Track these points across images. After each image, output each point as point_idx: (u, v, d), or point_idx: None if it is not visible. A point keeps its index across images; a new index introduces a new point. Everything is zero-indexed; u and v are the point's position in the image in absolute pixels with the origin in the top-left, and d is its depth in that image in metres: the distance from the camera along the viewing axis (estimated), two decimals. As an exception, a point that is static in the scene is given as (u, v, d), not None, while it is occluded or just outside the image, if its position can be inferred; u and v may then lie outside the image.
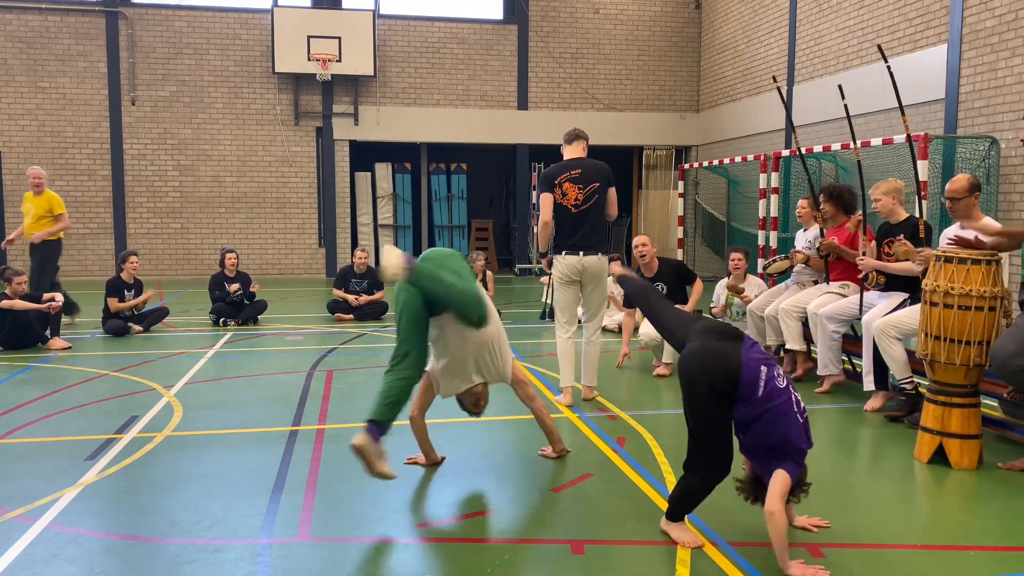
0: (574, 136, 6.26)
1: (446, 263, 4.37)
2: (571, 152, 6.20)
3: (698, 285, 7.44)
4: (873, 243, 6.21)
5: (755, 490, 3.54)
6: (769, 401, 3.33)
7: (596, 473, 4.57)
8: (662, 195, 18.07)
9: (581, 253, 5.98)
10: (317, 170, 16.71)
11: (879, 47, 6.02)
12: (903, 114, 5.83)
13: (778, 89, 6.96)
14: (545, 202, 6.05)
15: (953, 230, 5.33)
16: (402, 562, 3.50)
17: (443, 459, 4.79)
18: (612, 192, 6.13)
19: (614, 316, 9.46)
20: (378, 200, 17.31)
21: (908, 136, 6.06)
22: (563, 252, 6.03)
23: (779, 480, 3.34)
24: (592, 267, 6.02)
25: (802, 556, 3.50)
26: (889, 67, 5.79)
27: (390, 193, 17.37)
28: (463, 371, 4.45)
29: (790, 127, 6.87)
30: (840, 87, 6.71)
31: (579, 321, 6.26)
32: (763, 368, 3.36)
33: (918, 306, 5.56)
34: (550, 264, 6.18)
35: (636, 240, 7.52)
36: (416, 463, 4.73)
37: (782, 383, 3.39)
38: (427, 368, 4.47)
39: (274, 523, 3.87)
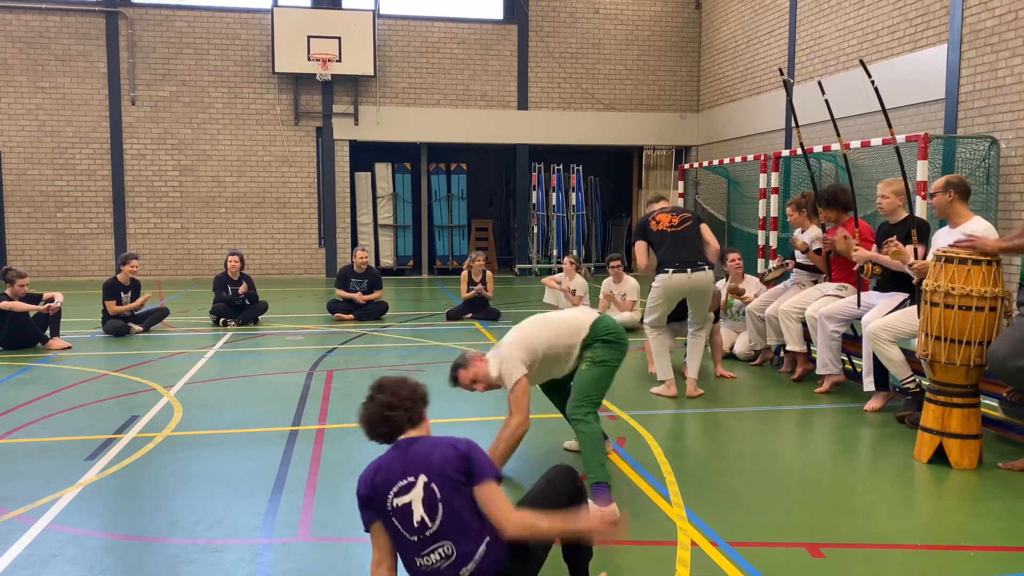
0: (659, 198, 6.74)
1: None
2: (658, 207, 6.60)
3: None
4: (873, 245, 6.21)
5: None
6: None
7: (596, 473, 4.57)
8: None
9: (689, 271, 6.12)
10: (317, 170, 16.71)
11: (861, 62, 6.05)
12: (889, 124, 5.84)
13: (784, 82, 6.93)
14: (639, 250, 6.39)
15: (944, 232, 5.31)
16: (402, 562, 3.50)
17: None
18: (705, 226, 6.41)
19: (616, 316, 9.46)
20: (378, 200, 17.31)
21: (894, 140, 6.08)
22: (669, 271, 6.15)
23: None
24: (700, 283, 6.19)
25: (802, 556, 3.50)
26: (873, 81, 5.80)
27: (390, 193, 17.37)
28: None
29: (793, 120, 6.87)
30: (820, 83, 6.78)
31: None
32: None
33: (909, 309, 5.57)
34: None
35: None
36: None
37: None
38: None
39: (274, 523, 3.87)
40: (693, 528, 3.77)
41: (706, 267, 6.19)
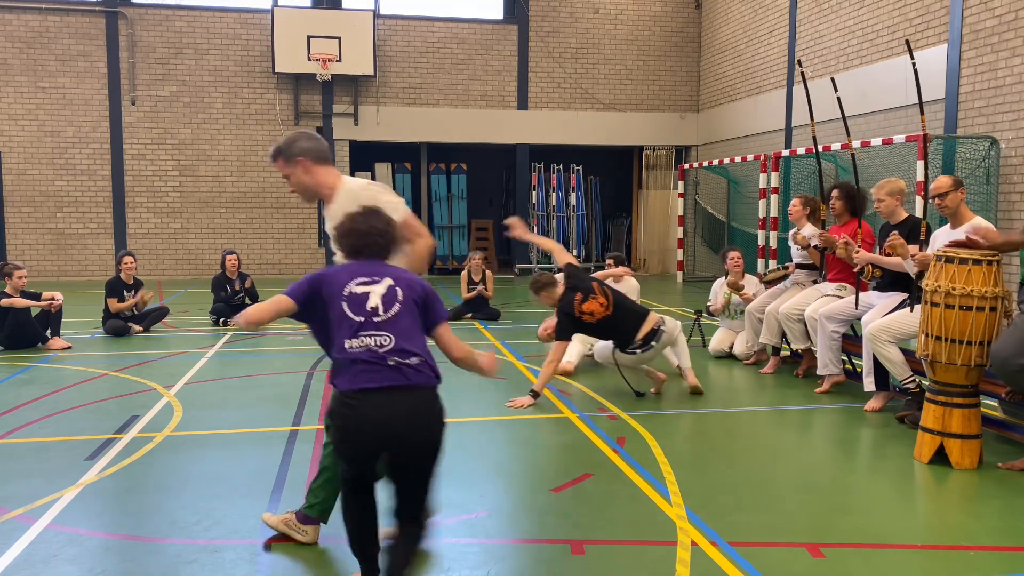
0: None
1: None
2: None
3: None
4: (874, 247, 6.22)
5: None
6: None
7: (596, 473, 4.57)
8: (662, 195, 18.07)
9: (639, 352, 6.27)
10: (317, 170, 16.68)
11: (907, 42, 5.95)
12: (922, 112, 5.79)
13: (802, 73, 6.91)
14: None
15: (944, 233, 5.31)
16: (402, 562, 3.50)
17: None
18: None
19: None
20: (378, 200, 17.28)
21: (924, 135, 6.00)
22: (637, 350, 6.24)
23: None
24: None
25: (802, 556, 3.50)
26: (914, 63, 5.76)
27: (390, 193, 17.34)
28: None
29: (808, 112, 6.85)
30: (833, 79, 6.72)
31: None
32: None
33: (908, 310, 5.57)
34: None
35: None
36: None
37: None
38: None
39: (274, 523, 3.86)
40: (693, 528, 3.77)
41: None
